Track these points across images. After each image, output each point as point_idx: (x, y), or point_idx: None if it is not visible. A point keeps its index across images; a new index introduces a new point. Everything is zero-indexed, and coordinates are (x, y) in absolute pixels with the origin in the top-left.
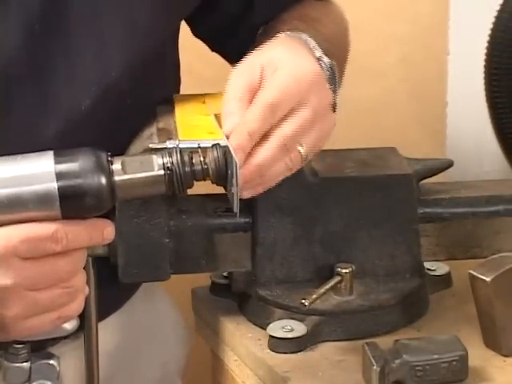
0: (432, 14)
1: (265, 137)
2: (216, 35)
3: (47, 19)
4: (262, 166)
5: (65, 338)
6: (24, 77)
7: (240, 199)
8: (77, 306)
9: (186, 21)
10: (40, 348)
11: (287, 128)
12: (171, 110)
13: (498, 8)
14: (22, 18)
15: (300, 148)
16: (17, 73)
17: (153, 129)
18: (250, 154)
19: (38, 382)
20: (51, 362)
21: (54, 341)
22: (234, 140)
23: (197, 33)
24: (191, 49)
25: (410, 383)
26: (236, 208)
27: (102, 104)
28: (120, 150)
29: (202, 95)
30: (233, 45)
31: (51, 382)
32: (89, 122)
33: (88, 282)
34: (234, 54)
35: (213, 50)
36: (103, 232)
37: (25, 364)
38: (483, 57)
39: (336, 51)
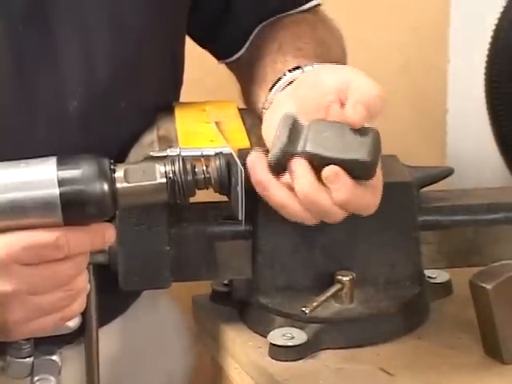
0: (432, 23)
1: None
2: (202, 30)
3: (31, 20)
4: None
5: (68, 343)
6: (9, 79)
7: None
8: (78, 305)
9: None
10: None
11: None
12: (172, 118)
13: (498, 16)
14: (5, 20)
15: None
16: (1, 75)
17: (153, 136)
18: None
19: (40, 376)
20: (53, 357)
21: (57, 343)
22: None
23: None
24: (192, 57)
25: None
26: (241, 215)
27: (91, 106)
28: (120, 154)
29: (202, 103)
30: (220, 41)
31: (53, 377)
32: (78, 124)
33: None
34: (221, 50)
35: (201, 45)
36: (104, 236)
37: (27, 359)
38: (483, 65)
39: None
